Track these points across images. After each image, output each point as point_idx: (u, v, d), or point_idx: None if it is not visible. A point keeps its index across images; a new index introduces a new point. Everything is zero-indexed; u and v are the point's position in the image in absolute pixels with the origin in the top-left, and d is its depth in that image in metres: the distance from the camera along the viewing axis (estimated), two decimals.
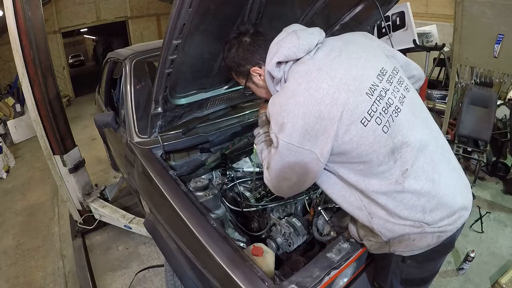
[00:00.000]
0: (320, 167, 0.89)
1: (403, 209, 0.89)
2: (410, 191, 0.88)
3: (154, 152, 1.62)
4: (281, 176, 0.94)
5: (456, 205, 0.92)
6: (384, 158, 0.86)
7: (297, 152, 0.85)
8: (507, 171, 3.02)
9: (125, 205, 3.05)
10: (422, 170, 0.88)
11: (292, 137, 0.84)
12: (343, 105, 0.82)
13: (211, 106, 1.80)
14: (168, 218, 1.37)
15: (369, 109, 0.84)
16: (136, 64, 2.03)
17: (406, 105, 0.91)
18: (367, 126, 0.84)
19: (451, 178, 0.95)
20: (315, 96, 0.83)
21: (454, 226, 0.94)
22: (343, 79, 0.84)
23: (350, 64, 0.89)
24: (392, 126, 0.86)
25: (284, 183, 0.96)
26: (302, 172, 0.90)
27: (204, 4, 1.07)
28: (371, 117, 0.84)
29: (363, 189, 0.90)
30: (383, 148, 0.85)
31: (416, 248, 0.94)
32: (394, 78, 0.93)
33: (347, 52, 0.92)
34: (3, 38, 7.17)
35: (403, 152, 0.86)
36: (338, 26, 1.72)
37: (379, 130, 0.85)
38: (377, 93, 0.87)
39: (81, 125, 6.15)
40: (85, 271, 2.37)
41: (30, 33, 2.11)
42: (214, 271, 1.08)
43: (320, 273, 0.99)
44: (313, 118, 0.82)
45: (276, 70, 0.93)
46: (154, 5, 9.98)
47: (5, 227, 3.21)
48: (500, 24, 2.48)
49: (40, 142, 2.43)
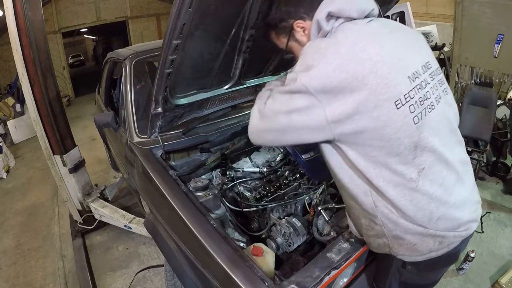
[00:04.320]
0: (319, 134, 0.81)
1: (411, 208, 0.84)
2: (423, 192, 0.83)
3: (154, 152, 1.62)
4: (270, 119, 0.85)
5: (463, 218, 0.89)
6: (404, 149, 0.80)
7: (306, 100, 0.77)
8: (507, 171, 3.02)
9: (125, 205, 3.05)
10: (439, 175, 0.84)
11: (311, 82, 0.76)
12: (382, 77, 0.76)
13: (211, 106, 1.80)
14: (168, 218, 1.37)
15: (406, 93, 0.79)
16: (136, 64, 2.03)
17: (441, 106, 0.87)
18: (399, 109, 0.78)
19: (465, 191, 0.92)
20: (358, 55, 0.77)
21: (459, 236, 0.90)
22: (390, 54, 0.80)
23: (399, 44, 0.85)
24: (423, 119, 0.81)
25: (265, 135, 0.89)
26: (295, 126, 0.81)
27: (204, 4, 1.07)
28: (406, 102, 0.79)
29: (372, 178, 0.84)
30: (407, 139, 0.80)
31: (418, 253, 0.91)
32: (436, 76, 0.90)
33: (398, 33, 0.88)
34: (3, 38, 7.18)
35: (425, 152, 0.82)
36: None
37: (410, 119, 0.79)
38: (418, 82, 0.82)
39: (81, 125, 6.16)
40: (85, 271, 2.37)
41: (30, 33, 2.11)
42: (214, 271, 1.08)
43: (320, 273, 0.99)
44: (345, 74, 0.75)
45: (326, 22, 0.87)
46: (154, 5, 9.99)
47: (5, 227, 3.21)
48: (500, 24, 2.48)
49: (40, 142, 2.43)
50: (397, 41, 0.85)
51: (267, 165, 1.78)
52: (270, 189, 1.59)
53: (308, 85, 0.76)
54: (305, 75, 0.77)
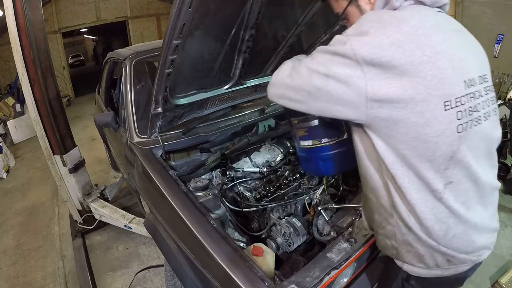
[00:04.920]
0: (351, 110, 0.73)
1: (430, 218, 0.78)
2: (446, 205, 0.77)
3: (154, 152, 1.62)
4: (303, 77, 0.76)
5: (478, 243, 0.84)
6: (439, 157, 0.73)
7: (349, 68, 0.69)
8: (507, 171, 3.02)
9: (125, 205, 3.06)
10: (464, 193, 0.79)
11: (362, 48, 0.68)
12: (439, 70, 0.69)
13: (211, 106, 1.80)
14: (168, 218, 1.37)
15: (458, 97, 0.71)
16: (136, 64, 2.03)
17: (488, 123, 0.80)
18: (446, 111, 0.70)
19: (486, 216, 0.87)
20: (421, 39, 0.69)
21: (469, 260, 0.85)
22: (452, 50, 0.73)
23: (463, 46, 0.78)
24: (467, 131, 0.74)
25: (291, 93, 0.80)
26: (328, 93, 0.73)
27: (204, 4, 1.07)
28: (456, 106, 0.71)
29: (396, 176, 0.77)
30: (445, 146, 0.72)
31: (423, 264, 0.86)
32: (490, 92, 0.82)
33: (464, 34, 0.82)
34: (3, 38, 7.19)
35: (459, 165, 0.76)
36: (338, 26, 1.72)
37: (454, 125, 0.72)
38: (472, 90, 0.75)
39: (81, 125, 6.16)
40: (85, 271, 2.37)
41: (30, 33, 2.11)
42: (214, 271, 1.08)
43: (320, 273, 0.99)
44: (401, 54, 0.67)
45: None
46: (154, 5, 10.00)
47: (5, 227, 3.22)
48: (500, 24, 2.49)
49: (40, 142, 2.44)
50: (462, 42, 0.79)
51: (267, 165, 1.78)
52: (270, 189, 1.59)
53: (357, 51, 0.68)
54: (357, 39, 0.70)
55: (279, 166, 1.77)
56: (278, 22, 1.52)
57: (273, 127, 2.06)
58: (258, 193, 1.56)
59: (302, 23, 1.56)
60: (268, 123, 2.05)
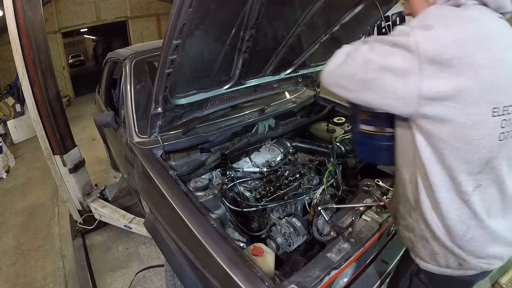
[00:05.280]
0: (402, 105, 0.73)
1: (453, 218, 0.79)
2: (471, 207, 0.78)
3: (154, 152, 1.62)
4: (358, 65, 0.76)
5: (492, 251, 0.85)
6: (477, 160, 0.74)
7: (407, 62, 0.69)
8: None
9: (125, 205, 3.05)
10: (489, 198, 0.80)
11: (426, 43, 0.67)
12: (496, 76, 0.69)
13: (211, 106, 1.80)
14: (168, 218, 1.37)
15: (506, 106, 0.72)
16: (136, 64, 2.03)
17: None
18: (493, 117, 0.71)
19: (506, 226, 0.86)
20: (483, 42, 0.69)
21: (479, 267, 0.85)
22: (511, 62, 0.72)
23: None
24: (507, 140, 0.75)
25: (343, 81, 0.80)
26: (382, 85, 0.73)
27: (204, 4, 1.07)
28: (502, 114, 0.72)
29: (429, 173, 0.77)
30: (486, 151, 0.74)
31: (435, 262, 0.88)
32: None
33: None
34: (3, 38, 7.19)
35: (492, 172, 0.77)
36: (338, 26, 1.72)
37: (497, 132, 0.73)
38: None
39: (81, 125, 6.16)
40: (85, 271, 2.37)
41: (30, 33, 2.11)
42: (214, 271, 1.08)
43: (320, 273, 0.99)
44: (462, 53, 0.67)
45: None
46: (154, 5, 10.01)
47: (5, 227, 3.22)
48: None
49: (40, 142, 2.44)
50: None
51: (267, 165, 1.78)
52: (270, 189, 1.59)
53: (420, 44, 0.68)
54: (422, 33, 0.69)
55: (279, 166, 1.78)
56: (278, 22, 1.52)
57: (273, 127, 2.06)
58: (258, 193, 1.56)
59: (302, 23, 1.56)
60: (268, 123, 2.05)
